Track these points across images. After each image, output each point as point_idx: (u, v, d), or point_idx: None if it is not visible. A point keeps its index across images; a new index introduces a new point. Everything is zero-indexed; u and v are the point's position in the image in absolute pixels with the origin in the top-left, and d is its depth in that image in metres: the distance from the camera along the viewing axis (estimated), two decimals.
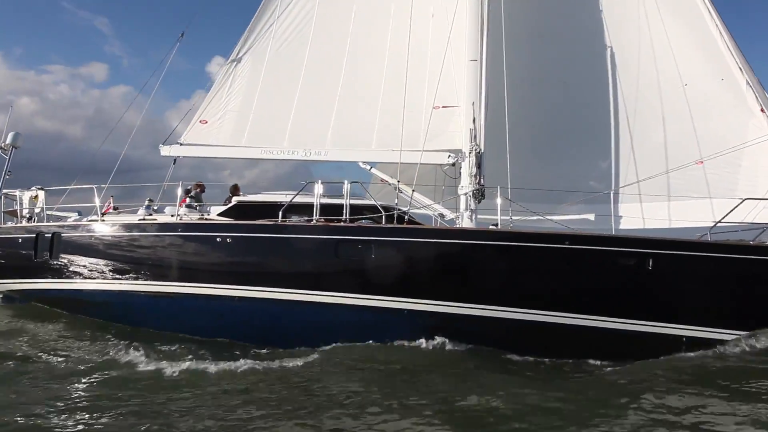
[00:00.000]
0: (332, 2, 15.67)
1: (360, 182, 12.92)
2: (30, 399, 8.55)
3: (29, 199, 14.60)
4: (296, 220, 12.07)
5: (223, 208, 13.31)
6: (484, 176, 13.29)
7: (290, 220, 12.08)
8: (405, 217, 12.01)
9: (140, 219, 13.33)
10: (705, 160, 13.13)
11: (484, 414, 8.12)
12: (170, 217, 13.06)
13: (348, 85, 15.08)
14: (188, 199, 13.69)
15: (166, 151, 14.95)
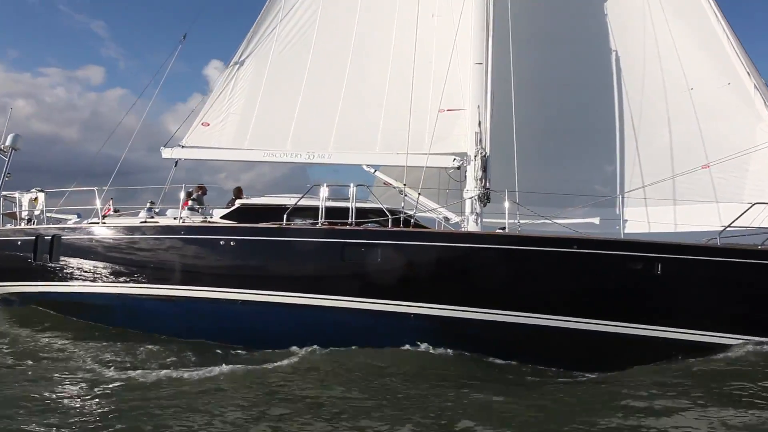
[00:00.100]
0: (336, 5, 15.60)
1: (366, 185, 12.81)
2: (20, 404, 8.37)
3: (29, 201, 14.43)
4: (301, 224, 11.93)
5: (226, 211, 13.17)
6: (490, 179, 13.19)
7: (294, 224, 11.94)
8: (411, 221, 11.88)
9: (142, 221, 13.17)
10: (711, 165, 13.04)
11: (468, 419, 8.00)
12: (173, 220, 12.90)
13: (351, 88, 14.98)
14: (190, 202, 13.56)
15: (168, 154, 14.80)
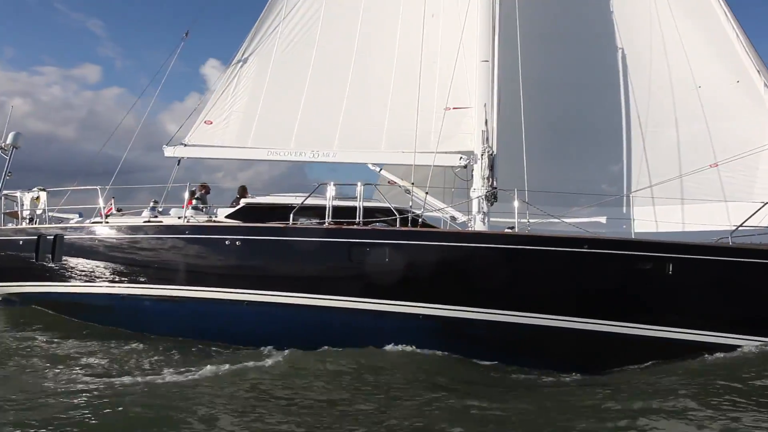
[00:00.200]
0: (339, 3, 15.46)
1: (374, 184, 12.66)
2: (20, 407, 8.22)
3: (30, 200, 14.27)
4: (308, 223, 11.78)
5: (231, 210, 13.02)
6: (497, 178, 13.07)
7: (301, 223, 11.79)
8: (419, 220, 11.75)
9: (145, 221, 13.02)
10: (720, 164, 12.92)
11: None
12: (177, 219, 12.75)
13: (355, 86, 14.85)
14: (194, 201, 13.41)
15: (170, 152, 14.65)
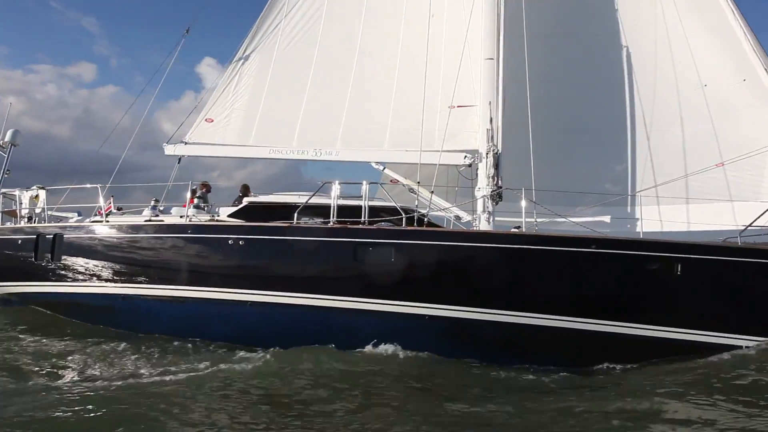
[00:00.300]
0: (341, 1, 15.31)
1: (380, 183, 12.52)
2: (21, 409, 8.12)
3: (29, 199, 14.08)
4: (312, 222, 11.64)
5: (233, 209, 12.86)
6: (502, 177, 12.96)
7: (305, 222, 11.65)
8: (425, 220, 11.62)
9: (146, 220, 12.85)
10: (727, 163, 12.84)
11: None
12: (179, 218, 12.59)
13: (358, 84, 14.72)
14: (196, 200, 13.25)
15: (171, 150, 14.49)
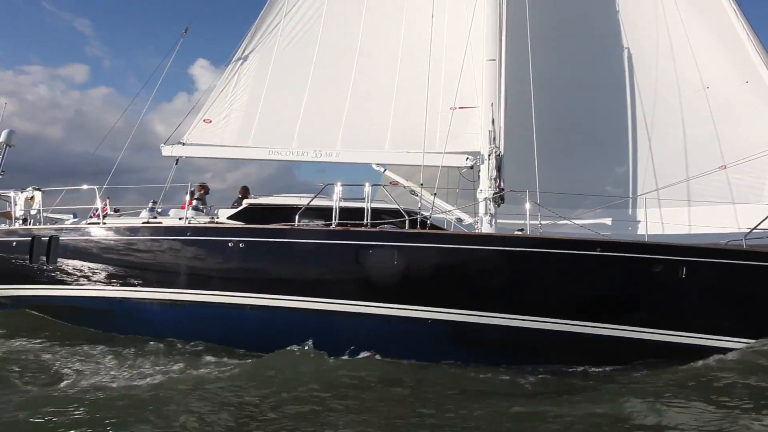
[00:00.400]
0: (341, 1, 15.17)
1: (383, 185, 12.38)
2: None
3: (24, 200, 13.87)
4: (313, 224, 11.50)
5: (233, 211, 12.71)
6: (504, 179, 12.86)
7: (307, 225, 11.50)
8: (427, 222, 11.50)
9: (144, 222, 12.67)
10: (730, 166, 12.77)
11: None
12: (178, 220, 12.42)
13: (358, 85, 14.59)
14: (195, 202, 13.08)
15: (168, 151, 14.33)
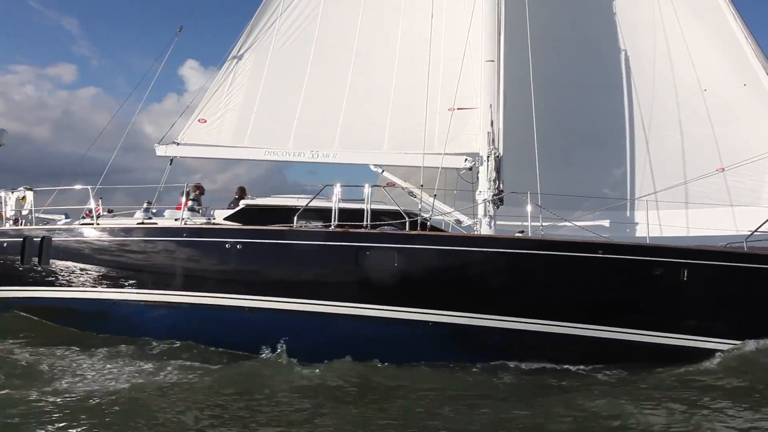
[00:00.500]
0: (339, 0, 15.04)
1: (383, 186, 12.26)
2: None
3: (16, 201, 13.61)
4: (312, 226, 11.36)
5: (229, 212, 12.53)
6: (503, 181, 12.79)
7: (306, 226, 11.36)
8: (427, 224, 11.39)
9: (139, 223, 12.47)
10: (727, 169, 12.79)
11: None
12: (174, 221, 12.23)
13: (355, 86, 14.46)
14: (190, 202, 12.89)
15: (162, 151, 14.10)
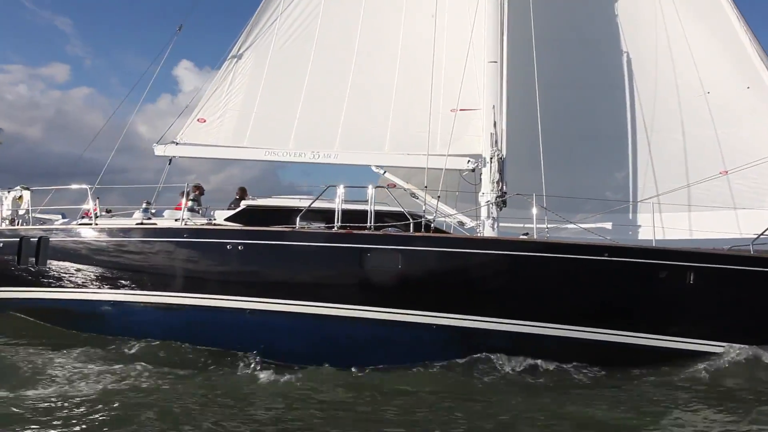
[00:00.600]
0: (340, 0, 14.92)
1: (386, 187, 12.14)
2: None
3: (12, 200, 13.41)
4: (315, 227, 11.23)
5: (230, 213, 12.39)
6: (506, 183, 12.70)
7: (307, 227, 11.23)
8: (432, 225, 11.29)
9: (138, 223, 12.31)
10: (731, 172, 12.74)
11: None
12: (174, 222, 12.08)
13: (357, 86, 14.32)
14: (190, 203, 12.74)
15: (161, 151, 13.94)
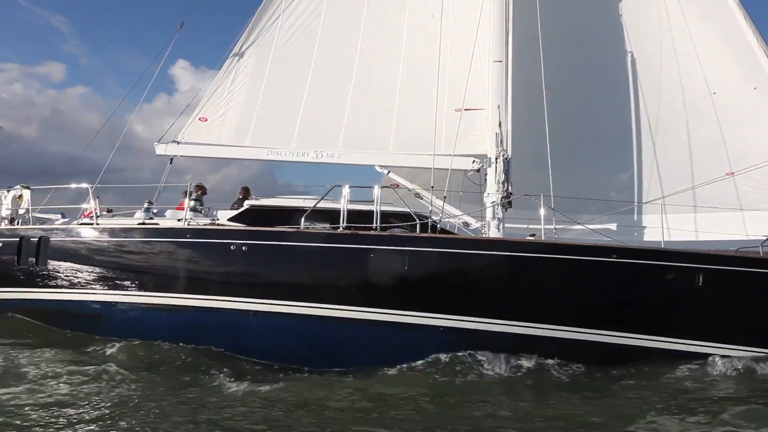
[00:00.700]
0: None
1: (391, 187, 12.03)
2: None
3: (12, 199, 13.25)
4: (320, 227, 11.10)
5: (233, 213, 12.25)
6: (512, 183, 12.59)
7: (312, 227, 11.11)
8: (438, 226, 11.18)
9: (139, 223, 12.17)
10: (737, 173, 12.66)
11: None
12: (176, 222, 11.94)
13: (360, 85, 14.21)
14: (192, 203, 12.59)
15: (162, 150, 13.83)
